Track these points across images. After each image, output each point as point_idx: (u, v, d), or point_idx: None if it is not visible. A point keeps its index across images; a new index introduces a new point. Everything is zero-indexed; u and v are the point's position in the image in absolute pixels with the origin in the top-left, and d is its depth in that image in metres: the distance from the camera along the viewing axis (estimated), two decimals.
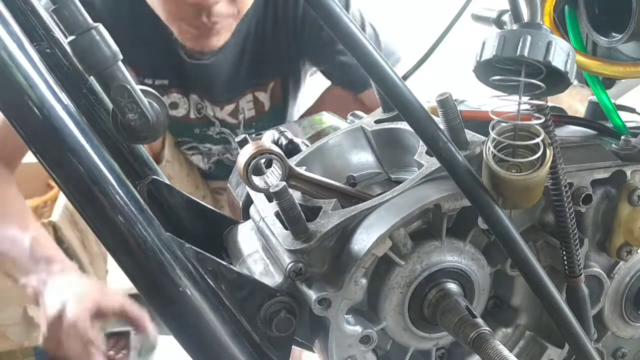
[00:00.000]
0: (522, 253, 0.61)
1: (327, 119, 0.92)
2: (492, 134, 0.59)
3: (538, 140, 0.58)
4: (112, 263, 2.18)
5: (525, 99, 0.59)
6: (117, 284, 2.23)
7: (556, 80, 0.57)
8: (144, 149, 0.81)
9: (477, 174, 0.60)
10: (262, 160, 0.67)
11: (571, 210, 0.65)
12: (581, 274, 0.68)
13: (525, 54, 0.54)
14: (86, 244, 1.96)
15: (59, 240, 1.79)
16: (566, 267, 0.68)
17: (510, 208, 0.62)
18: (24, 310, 1.78)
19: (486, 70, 0.58)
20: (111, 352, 1.91)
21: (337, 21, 0.56)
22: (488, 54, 0.56)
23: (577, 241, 0.67)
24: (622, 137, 0.73)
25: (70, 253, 1.84)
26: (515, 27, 0.57)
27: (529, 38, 0.55)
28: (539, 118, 0.59)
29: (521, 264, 0.61)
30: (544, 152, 0.58)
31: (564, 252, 0.67)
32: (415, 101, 0.58)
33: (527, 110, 0.60)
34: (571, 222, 0.65)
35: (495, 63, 0.57)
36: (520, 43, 0.55)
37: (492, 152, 0.58)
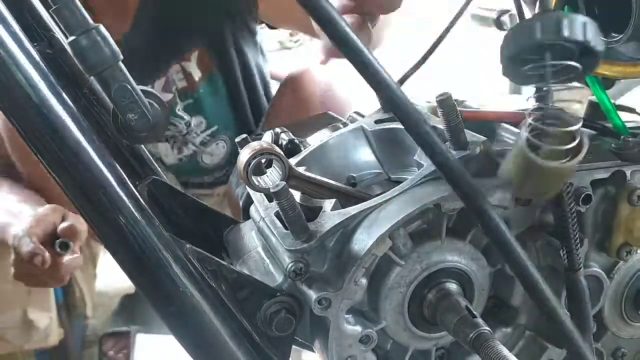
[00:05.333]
0: (515, 253, 0.61)
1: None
2: (529, 120, 0.58)
3: (574, 128, 0.57)
4: (100, 268, 2.18)
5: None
6: (105, 289, 2.24)
7: (586, 61, 0.56)
8: (144, 149, 0.81)
9: (472, 176, 0.60)
10: (262, 160, 0.67)
11: (571, 203, 0.65)
12: (580, 268, 0.68)
13: (567, 35, 0.54)
14: None
15: None
16: (566, 261, 0.67)
17: (534, 197, 0.61)
18: (23, 313, 1.77)
19: (513, 65, 0.58)
20: (111, 352, 1.91)
21: (330, 22, 0.56)
22: (524, 41, 0.55)
23: (577, 234, 0.66)
24: (622, 137, 0.73)
25: None
26: (538, 15, 0.56)
27: (565, 20, 0.54)
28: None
29: (514, 264, 0.61)
30: (581, 140, 0.57)
31: (564, 246, 0.67)
32: (408, 103, 0.58)
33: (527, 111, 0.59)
34: (571, 215, 0.65)
35: (522, 55, 0.56)
36: (561, 24, 0.54)
37: (526, 137, 0.57)
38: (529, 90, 0.60)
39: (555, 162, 0.56)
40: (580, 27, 0.54)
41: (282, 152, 0.67)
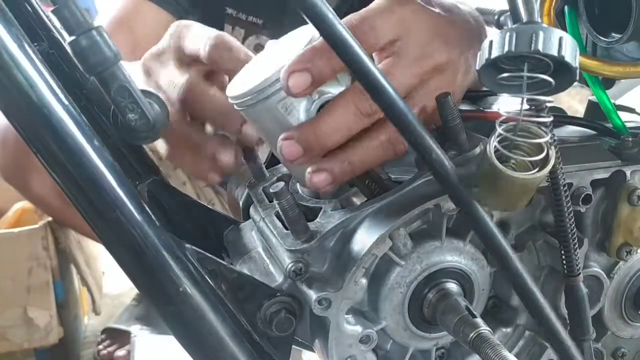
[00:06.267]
0: (507, 257, 0.61)
1: None
2: (499, 130, 0.58)
3: (543, 140, 0.57)
4: (107, 264, 2.19)
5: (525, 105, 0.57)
6: (113, 286, 2.24)
7: (562, 77, 0.56)
8: (144, 149, 0.81)
9: (468, 177, 0.60)
10: None
11: (569, 208, 0.65)
12: (580, 274, 0.68)
13: (540, 49, 0.54)
14: (83, 244, 1.96)
15: (57, 241, 1.79)
16: (565, 266, 0.68)
17: (501, 209, 0.62)
18: (23, 312, 1.77)
19: (490, 72, 0.58)
20: (111, 349, 1.91)
21: (325, 22, 0.55)
22: (498, 50, 0.55)
23: (576, 240, 0.67)
24: (622, 137, 0.73)
25: (67, 253, 1.84)
26: (517, 25, 0.57)
27: (541, 33, 0.54)
28: (544, 117, 0.58)
29: (505, 267, 0.61)
30: (548, 153, 0.57)
31: (563, 251, 0.67)
32: (405, 109, 0.57)
33: (531, 111, 0.60)
34: (569, 220, 0.65)
35: (500, 64, 0.57)
36: (533, 38, 0.54)
37: (495, 147, 0.57)
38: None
39: (523, 173, 0.56)
40: (556, 42, 0.54)
41: None
